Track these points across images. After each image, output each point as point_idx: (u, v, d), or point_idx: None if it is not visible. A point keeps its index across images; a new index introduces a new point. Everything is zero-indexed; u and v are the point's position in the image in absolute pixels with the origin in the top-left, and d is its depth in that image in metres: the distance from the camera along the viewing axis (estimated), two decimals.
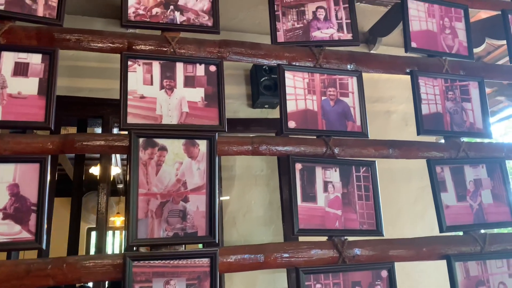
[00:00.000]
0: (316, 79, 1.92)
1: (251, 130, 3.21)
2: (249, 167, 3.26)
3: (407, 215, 3.37)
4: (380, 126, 3.50)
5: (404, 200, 3.41)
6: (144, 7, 1.82)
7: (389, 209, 3.24)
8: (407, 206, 3.40)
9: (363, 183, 1.82)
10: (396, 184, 3.38)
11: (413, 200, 3.43)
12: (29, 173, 1.50)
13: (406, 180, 3.44)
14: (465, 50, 2.20)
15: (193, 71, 1.79)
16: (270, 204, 3.18)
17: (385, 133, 3.48)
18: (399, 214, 3.34)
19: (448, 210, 1.86)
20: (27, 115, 1.56)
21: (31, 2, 1.71)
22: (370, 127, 1.94)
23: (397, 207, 3.35)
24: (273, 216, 3.15)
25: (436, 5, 2.22)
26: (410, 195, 3.43)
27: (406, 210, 3.39)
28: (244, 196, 3.15)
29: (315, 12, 2.03)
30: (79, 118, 3.08)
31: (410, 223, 3.35)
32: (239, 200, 3.13)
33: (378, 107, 3.61)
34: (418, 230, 3.32)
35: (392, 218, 3.25)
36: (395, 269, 1.70)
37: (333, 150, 1.81)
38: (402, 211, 3.37)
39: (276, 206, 3.15)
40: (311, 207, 1.71)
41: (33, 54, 1.63)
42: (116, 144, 1.61)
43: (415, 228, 3.34)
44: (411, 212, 3.39)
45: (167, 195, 1.58)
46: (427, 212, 3.35)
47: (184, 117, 1.71)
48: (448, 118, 2.02)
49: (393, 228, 3.22)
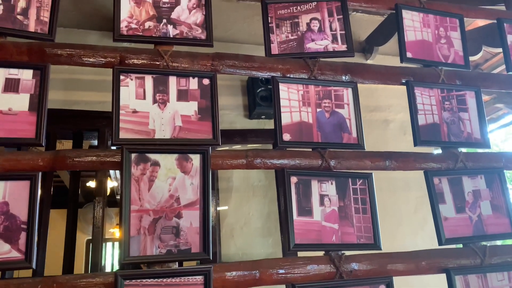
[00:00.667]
0: (311, 91, 1.91)
1: (248, 141, 3.19)
2: (246, 177, 3.23)
3: (407, 225, 3.33)
4: (378, 135, 3.49)
5: (403, 210, 3.38)
6: (137, 21, 1.81)
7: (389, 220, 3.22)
8: (407, 216, 3.36)
9: (360, 196, 1.79)
10: (395, 194, 3.36)
11: (412, 209, 3.40)
12: (19, 191, 1.47)
13: (405, 189, 3.42)
14: (461, 59, 2.18)
15: (186, 84, 1.77)
16: (268, 216, 3.15)
17: (383, 142, 3.47)
18: (399, 224, 3.31)
19: (447, 222, 1.82)
20: (18, 131, 1.54)
21: (23, 18, 1.70)
22: (368, 136, 1.92)
23: (397, 217, 3.31)
24: (271, 228, 3.11)
25: (431, 14, 2.21)
26: (409, 204, 3.40)
27: (406, 220, 3.35)
28: (242, 208, 3.12)
29: (309, 24, 2.02)
30: (74, 131, 3.06)
31: (410, 233, 3.31)
32: (237, 212, 3.10)
33: (376, 116, 3.60)
34: (418, 240, 3.28)
35: (392, 228, 3.22)
36: (398, 283, 1.67)
37: (329, 163, 1.78)
38: (402, 221, 3.33)
39: (274, 217, 3.12)
40: (307, 222, 1.68)
41: (24, 70, 1.61)
42: (108, 159, 1.59)
43: (415, 238, 3.30)
44: (411, 222, 3.35)
45: (159, 211, 1.55)
46: (427, 222, 3.30)
47: (177, 131, 1.69)
48: (445, 128, 2.00)
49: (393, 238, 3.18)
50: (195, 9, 1.90)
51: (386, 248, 1.76)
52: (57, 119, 2.80)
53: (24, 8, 1.71)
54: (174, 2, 1.88)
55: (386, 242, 1.78)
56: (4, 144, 1.54)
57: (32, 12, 1.71)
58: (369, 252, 1.72)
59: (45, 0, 1.75)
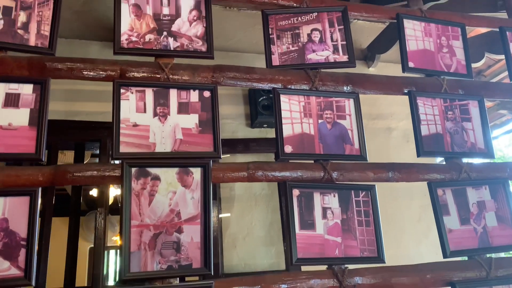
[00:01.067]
0: (312, 102, 1.89)
1: (250, 150, 3.18)
2: (249, 186, 3.21)
3: (411, 234, 3.30)
4: (381, 144, 3.46)
5: (407, 218, 3.35)
6: (137, 34, 1.81)
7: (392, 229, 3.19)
8: (411, 225, 3.33)
9: (363, 208, 1.77)
10: (398, 203, 3.33)
11: (416, 218, 3.37)
12: (19, 207, 1.46)
13: (408, 198, 3.39)
14: (464, 68, 2.17)
15: (187, 97, 1.76)
16: (271, 225, 3.12)
17: (386, 150, 3.45)
18: (402, 233, 3.28)
19: (452, 234, 1.80)
20: (18, 146, 1.53)
21: (23, 32, 1.70)
22: (370, 144, 1.90)
23: (400, 226, 3.28)
24: (274, 238, 3.09)
25: (433, 24, 2.20)
26: (413, 213, 3.37)
27: (410, 229, 3.32)
28: (244, 217, 3.10)
29: (310, 35, 2.01)
30: (76, 142, 3.06)
31: (414, 242, 3.28)
32: (239, 222, 3.08)
33: (378, 124, 3.58)
34: (422, 248, 3.25)
35: (395, 237, 3.19)
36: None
37: (331, 175, 1.76)
38: (405, 230, 3.30)
39: (277, 227, 3.10)
40: (310, 235, 1.66)
41: (24, 85, 1.61)
42: (108, 174, 1.58)
43: (419, 246, 3.27)
44: (415, 230, 3.32)
45: (160, 226, 1.54)
46: (431, 231, 3.26)
47: (178, 145, 1.68)
48: (448, 138, 1.98)
49: (397, 247, 3.16)
50: (195, 22, 1.89)
51: (389, 257, 1.74)
52: (58, 130, 2.80)
53: (24, 22, 1.71)
54: (175, 14, 1.88)
55: (390, 251, 1.76)
56: (4, 160, 1.53)
57: (33, 26, 1.72)
58: (372, 266, 1.70)
59: (45, 14, 1.75)
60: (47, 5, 1.76)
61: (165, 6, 1.88)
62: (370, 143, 1.90)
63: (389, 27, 3.38)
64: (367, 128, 1.92)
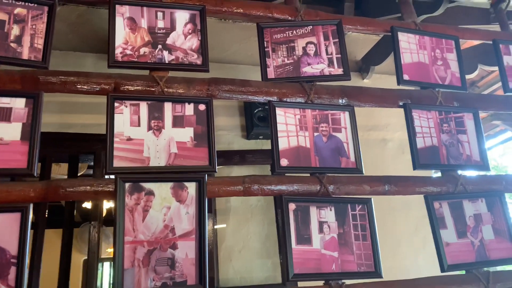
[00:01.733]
0: (308, 115, 1.89)
1: (246, 162, 3.16)
2: (245, 198, 3.18)
3: (408, 246, 3.28)
4: (376, 155, 3.46)
5: (403, 229, 3.33)
6: (132, 47, 1.80)
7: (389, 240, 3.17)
8: (407, 236, 3.31)
9: (360, 222, 1.75)
10: (394, 213, 3.31)
11: (412, 229, 3.35)
12: (9, 223, 1.43)
13: (404, 208, 3.37)
14: (458, 81, 2.18)
15: (182, 110, 1.75)
16: (267, 238, 3.09)
17: (381, 162, 3.45)
18: (399, 244, 3.26)
19: (449, 248, 1.79)
20: (9, 161, 1.50)
21: (16, 45, 1.68)
22: (366, 156, 1.89)
23: (397, 237, 3.27)
24: (270, 251, 3.05)
25: (427, 36, 2.22)
26: (409, 224, 3.35)
27: (406, 240, 3.30)
28: (240, 230, 3.07)
29: (305, 48, 2.01)
30: (70, 155, 3.03)
31: (411, 253, 3.26)
32: (235, 235, 3.04)
33: (373, 135, 3.58)
34: (420, 260, 3.22)
35: (392, 249, 3.17)
36: None
37: (327, 188, 1.75)
38: (402, 242, 3.28)
39: (273, 239, 3.07)
40: (306, 250, 1.64)
41: (16, 99, 1.59)
42: (101, 189, 1.56)
43: (416, 258, 3.25)
44: (411, 242, 3.30)
45: (154, 243, 1.51)
46: (428, 242, 3.24)
47: (173, 159, 1.66)
48: (444, 151, 1.98)
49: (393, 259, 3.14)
50: (190, 35, 1.89)
51: (386, 269, 1.72)
52: (52, 143, 2.77)
53: (17, 35, 1.70)
54: (170, 28, 1.87)
55: (387, 262, 1.74)
56: None
57: (26, 39, 1.70)
58: (370, 281, 1.68)
59: (39, 28, 1.74)
60: (41, 18, 1.75)
61: (160, 20, 1.88)
62: (365, 155, 1.89)
63: (384, 39, 3.40)
64: (362, 140, 1.92)
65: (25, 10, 1.73)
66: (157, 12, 1.88)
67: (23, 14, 1.72)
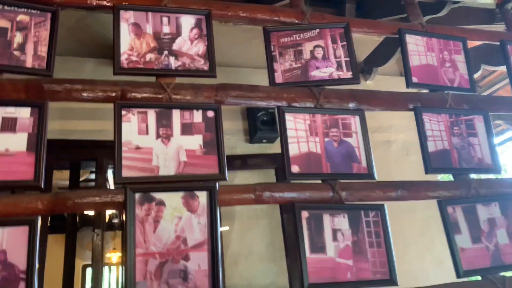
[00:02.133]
0: (318, 120, 1.86)
1: (250, 166, 3.12)
2: None
3: (414, 249, 3.25)
4: (381, 157, 3.40)
5: (409, 232, 3.30)
6: (137, 53, 1.76)
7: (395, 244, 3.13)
8: (413, 239, 3.29)
9: (373, 229, 1.72)
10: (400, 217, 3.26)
11: (418, 231, 3.33)
12: (17, 237, 1.39)
13: (410, 211, 3.34)
14: (467, 82, 2.15)
15: (190, 117, 1.71)
16: (273, 242, 3.05)
17: (386, 164, 3.41)
18: (406, 248, 3.23)
19: (464, 253, 1.76)
20: (15, 173, 1.46)
21: (19, 53, 1.64)
22: None
23: (403, 240, 3.23)
24: (275, 255, 3.02)
25: (435, 38, 2.19)
26: (415, 226, 3.33)
27: (413, 243, 3.27)
28: (246, 235, 3.03)
29: (313, 51, 1.98)
30: (72, 162, 2.98)
31: (418, 256, 3.23)
32: (241, 240, 3.00)
33: (377, 137, 3.55)
34: (427, 263, 3.20)
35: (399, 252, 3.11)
36: None
37: (340, 195, 1.72)
38: (408, 245, 3.25)
39: (279, 244, 3.03)
40: (321, 259, 1.61)
41: (21, 108, 1.55)
42: (110, 200, 1.51)
43: (424, 261, 3.22)
44: (418, 244, 3.27)
45: (166, 254, 1.47)
46: (434, 244, 3.24)
47: (182, 167, 1.62)
48: (455, 154, 1.95)
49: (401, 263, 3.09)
50: (196, 40, 1.85)
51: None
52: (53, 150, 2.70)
53: (20, 43, 1.66)
54: (175, 33, 1.84)
55: None
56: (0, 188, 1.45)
57: (29, 47, 1.66)
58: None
59: (42, 35, 1.70)
60: (44, 25, 1.71)
61: (165, 25, 1.84)
62: None
63: (386, 41, 3.38)
64: None
65: (27, 17, 1.68)
66: (162, 17, 1.85)
67: (26, 21, 1.68)
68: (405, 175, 3.08)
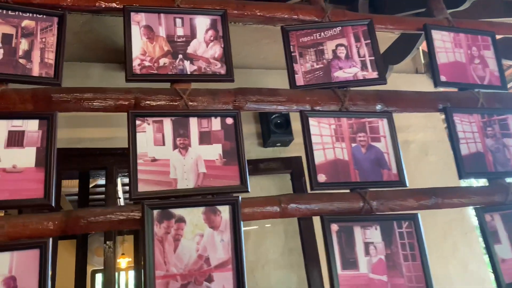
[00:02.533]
0: (344, 124, 1.74)
1: (264, 171, 3.01)
2: None
3: (436, 253, 3.12)
4: None
5: (431, 237, 3.15)
6: (150, 58, 1.65)
7: None
8: (435, 243, 3.15)
9: (407, 241, 1.60)
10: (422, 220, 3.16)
11: (441, 235, 3.20)
12: (28, 262, 1.28)
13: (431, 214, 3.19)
14: (497, 80, 2.03)
15: (208, 125, 1.60)
16: (290, 251, 2.94)
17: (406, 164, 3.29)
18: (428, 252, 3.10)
19: (505, 264, 1.64)
20: (24, 191, 1.35)
21: (25, 61, 1.53)
22: None
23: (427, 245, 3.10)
24: (293, 265, 2.90)
25: (462, 34, 2.06)
26: (437, 231, 3.19)
27: (434, 247, 3.14)
28: (262, 245, 2.91)
29: (335, 51, 1.86)
30: (80, 171, 2.88)
31: (440, 261, 3.10)
32: (257, 250, 2.89)
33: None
34: (450, 268, 3.07)
35: None
36: None
37: (371, 205, 1.60)
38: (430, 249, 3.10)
39: (297, 252, 2.91)
40: (353, 275, 1.49)
41: (28, 121, 1.44)
42: (126, 218, 1.40)
43: (446, 266, 3.09)
44: (440, 249, 3.15)
45: (188, 276, 1.36)
46: (458, 249, 3.11)
47: (202, 179, 1.51)
48: (490, 157, 1.83)
49: None
50: (212, 42, 1.74)
51: None
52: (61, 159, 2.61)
53: (26, 50, 1.55)
54: (190, 35, 1.72)
55: None
56: (8, 207, 1.35)
57: (36, 54, 1.55)
58: None
59: (49, 41, 1.59)
60: (51, 30, 1.60)
61: (179, 27, 1.73)
62: None
63: (401, 37, 3.25)
64: None
65: (33, 22, 1.58)
66: (175, 19, 1.73)
67: (32, 26, 1.57)
68: (424, 175, 2.95)
